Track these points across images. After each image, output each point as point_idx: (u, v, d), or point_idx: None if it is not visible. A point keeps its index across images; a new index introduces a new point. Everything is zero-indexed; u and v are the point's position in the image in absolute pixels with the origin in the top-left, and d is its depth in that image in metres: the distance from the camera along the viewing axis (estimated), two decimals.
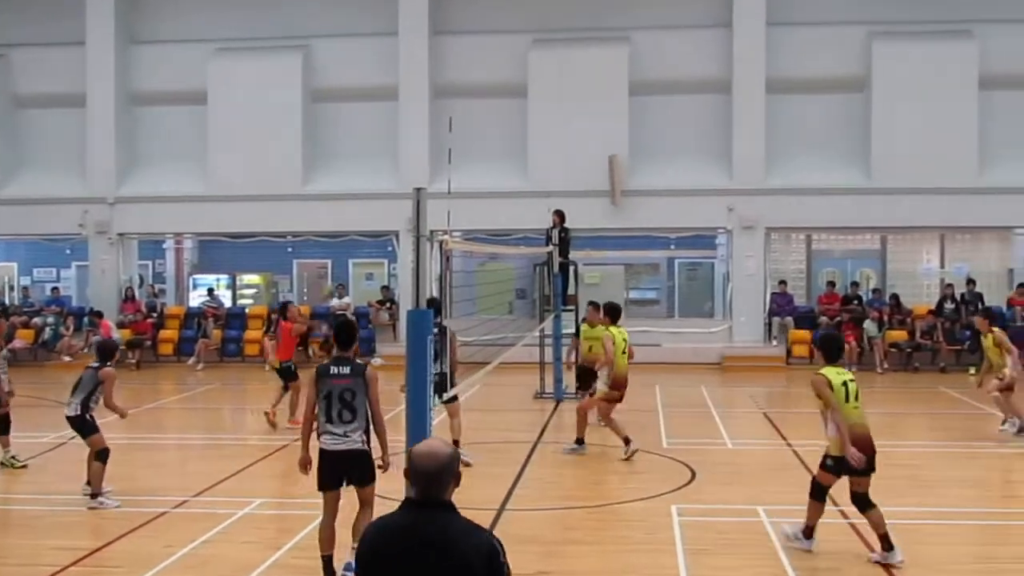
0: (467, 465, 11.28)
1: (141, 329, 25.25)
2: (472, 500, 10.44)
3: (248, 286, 28.74)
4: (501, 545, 3.80)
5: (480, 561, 3.73)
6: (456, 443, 11.56)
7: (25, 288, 28.15)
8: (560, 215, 19.04)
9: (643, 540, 9.10)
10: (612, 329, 13.00)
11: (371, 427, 7.74)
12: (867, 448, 8.31)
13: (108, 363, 10.75)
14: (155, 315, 26.18)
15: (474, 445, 11.85)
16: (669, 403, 17.83)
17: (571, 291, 19.13)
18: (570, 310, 18.84)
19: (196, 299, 27.62)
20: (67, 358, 24.75)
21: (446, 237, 8.25)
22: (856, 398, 8.42)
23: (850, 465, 8.23)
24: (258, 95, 25.34)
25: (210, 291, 26.91)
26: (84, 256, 27.19)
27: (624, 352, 12.96)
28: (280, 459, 13.06)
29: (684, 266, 27.05)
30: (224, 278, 28.50)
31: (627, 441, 12.66)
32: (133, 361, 24.36)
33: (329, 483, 7.76)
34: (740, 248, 24.45)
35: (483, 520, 9.65)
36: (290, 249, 28.85)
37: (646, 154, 24.44)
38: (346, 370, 7.65)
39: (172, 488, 11.16)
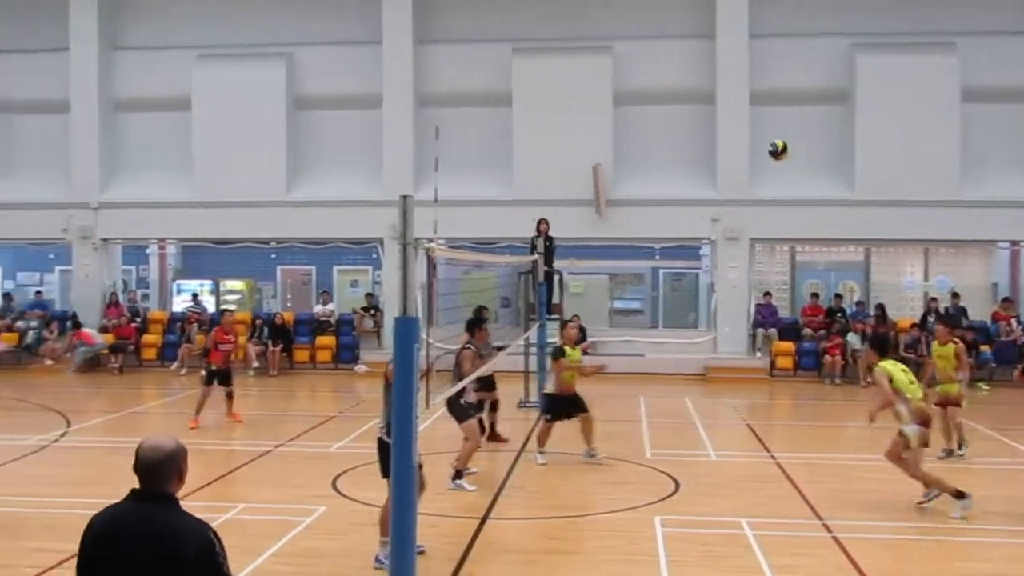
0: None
1: (124, 334, 25.15)
2: (455, 508, 10.43)
3: (232, 291, 28.62)
4: (219, 540, 3.97)
5: (191, 552, 3.88)
6: (459, 473, 11.51)
7: (8, 293, 27.92)
8: (546, 224, 19.02)
9: (625, 551, 9.07)
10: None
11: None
12: (927, 423, 10.35)
13: None
14: (138, 320, 26.07)
15: (455, 454, 11.81)
16: (652, 413, 17.82)
17: (555, 300, 19.14)
18: (555, 319, 18.85)
19: (180, 304, 27.51)
20: (49, 361, 24.64)
21: (432, 245, 8.22)
22: (912, 381, 10.43)
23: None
24: (242, 102, 25.28)
25: (195, 296, 26.80)
26: (67, 261, 27.04)
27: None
28: (261, 465, 12.99)
29: (668, 276, 27.05)
30: (208, 284, 28.39)
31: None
32: (116, 365, 24.25)
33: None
34: (724, 259, 24.49)
35: (466, 529, 9.64)
36: (274, 255, 28.75)
37: (630, 164, 24.47)
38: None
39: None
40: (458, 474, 11.46)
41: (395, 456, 6.86)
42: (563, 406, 13.13)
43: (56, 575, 8.03)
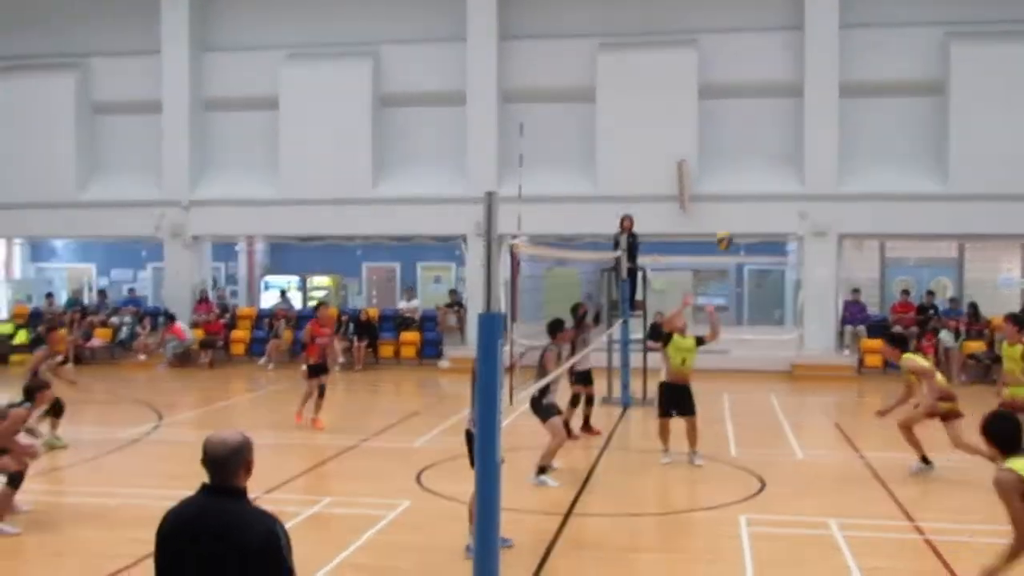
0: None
1: (213, 329, 25.69)
2: (539, 504, 10.46)
3: (318, 288, 29.10)
4: (285, 534, 4.04)
5: (256, 545, 3.96)
6: (543, 469, 11.59)
7: (102, 290, 28.77)
8: (629, 220, 18.95)
9: (710, 551, 8.99)
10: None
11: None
12: (949, 398, 11.82)
13: (28, 403, 10.32)
14: (227, 316, 26.63)
15: (539, 450, 11.83)
16: (737, 411, 17.62)
17: (638, 297, 19.05)
18: (638, 316, 18.77)
19: (268, 301, 28.02)
20: (143, 356, 25.27)
21: (516, 241, 8.25)
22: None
23: None
24: (328, 100, 25.63)
25: (282, 293, 27.29)
26: (159, 258, 27.73)
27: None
28: (347, 460, 13.18)
29: (753, 273, 26.73)
30: (295, 280, 28.91)
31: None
32: (206, 360, 24.79)
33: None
34: (811, 255, 24.07)
35: (550, 524, 9.66)
36: (359, 252, 29.17)
37: (715, 158, 24.19)
38: None
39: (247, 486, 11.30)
40: (542, 470, 11.52)
41: (479, 451, 6.92)
42: (672, 399, 12.92)
43: (149, 565, 8.24)
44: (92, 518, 10.12)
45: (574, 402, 14.80)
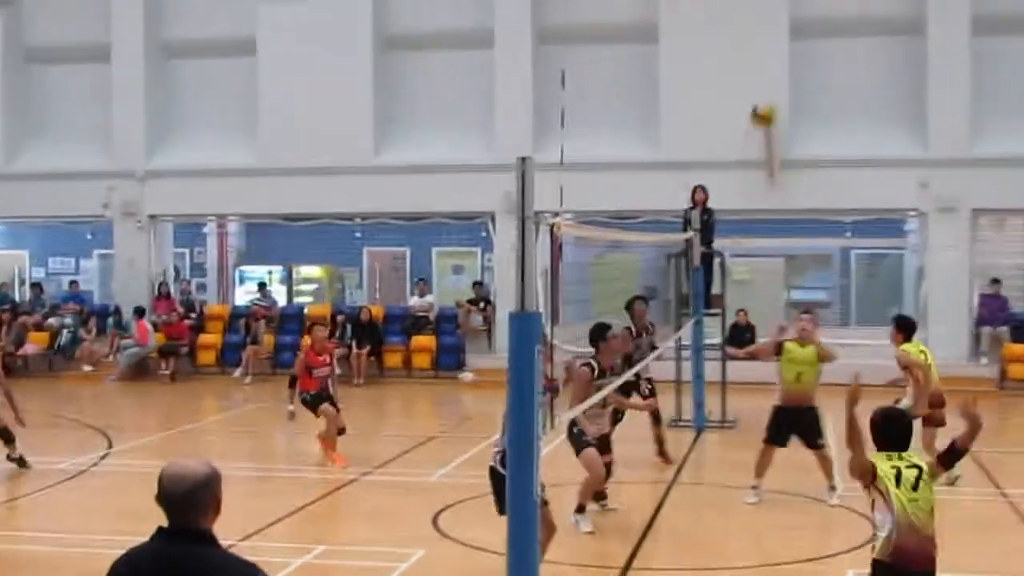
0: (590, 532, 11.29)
1: (177, 333, 25.78)
2: (589, 556, 10.41)
3: (307, 280, 29.19)
4: None
5: None
6: (581, 507, 11.53)
7: (37, 283, 28.96)
8: (703, 192, 18.85)
9: None
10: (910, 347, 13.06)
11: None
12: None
13: None
14: (194, 315, 26.74)
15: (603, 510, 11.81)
16: (843, 435, 17.46)
17: (715, 290, 18.95)
18: (715, 314, 18.65)
19: (243, 296, 28.14)
20: (88, 367, 25.45)
21: (557, 220, 8.19)
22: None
23: None
24: (319, 44, 25.64)
25: (261, 286, 27.39)
26: (108, 243, 27.92)
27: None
28: (346, 497, 13.19)
29: (863, 259, 26.59)
30: (277, 271, 29.00)
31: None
32: (167, 372, 24.91)
33: None
34: (937, 236, 23.90)
35: None
36: (359, 235, 29.21)
37: (812, 115, 24.02)
38: None
39: (214, 529, 11.33)
40: (580, 508, 11.43)
41: (511, 489, 6.84)
42: (789, 424, 12.72)
43: None
44: (24, 570, 10.17)
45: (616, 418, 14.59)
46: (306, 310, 27.04)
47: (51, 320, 26.91)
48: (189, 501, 4.10)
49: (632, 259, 24.48)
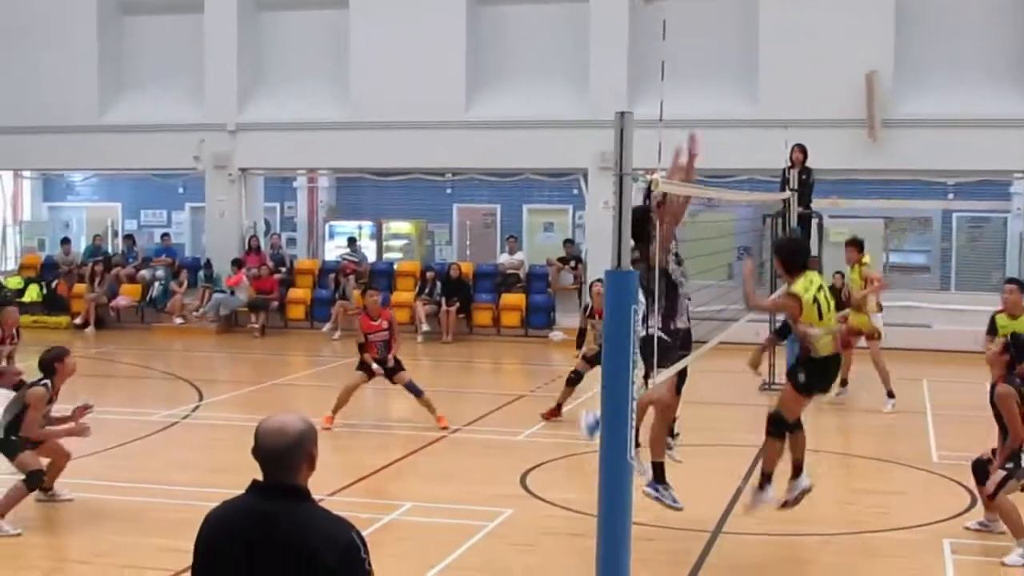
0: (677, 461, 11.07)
1: (266, 287, 26.06)
2: (678, 519, 10.39)
3: (396, 236, 29.34)
4: (363, 542, 4.01)
5: (333, 560, 3.94)
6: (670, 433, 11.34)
7: (130, 235, 29.43)
8: (802, 151, 18.62)
9: None
10: None
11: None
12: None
13: (45, 381, 10.46)
14: (283, 270, 26.99)
15: (680, 449, 11.73)
16: (941, 404, 17.28)
17: (813, 253, 18.72)
18: None
19: (333, 251, 28.36)
20: (179, 320, 25.88)
21: (655, 177, 8.11)
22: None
23: None
24: None
25: (351, 241, 27.57)
26: (200, 196, 28.30)
27: None
28: (432, 455, 13.29)
29: (965, 222, 26.13)
30: (367, 226, 29.17)
31: None
32: (256, 326, 25.27)
33: None
34: None
35: (694, 547, 9.60)
36: (449, 191, 29.27)
37: (916, 71, 23.60)
38: None
39: None
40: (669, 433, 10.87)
41: (605, 453, 6.85)
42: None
43: None
44: (114, 520, 10.42)
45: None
46: (395, 266, 27.23)
47: (143, 272, 27.36)
48: (285, 456, 4.09)
49: (728, 219, 24.23)
